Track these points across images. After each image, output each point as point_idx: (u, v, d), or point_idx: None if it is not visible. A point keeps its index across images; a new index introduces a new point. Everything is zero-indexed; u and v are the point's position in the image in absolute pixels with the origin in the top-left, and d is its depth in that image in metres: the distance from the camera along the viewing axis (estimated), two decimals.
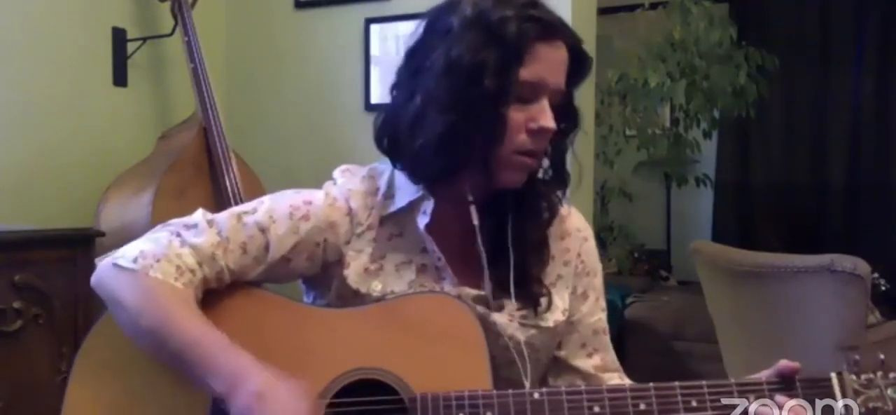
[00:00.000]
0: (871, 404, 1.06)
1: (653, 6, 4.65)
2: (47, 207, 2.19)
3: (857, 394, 1.07)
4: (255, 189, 2.23)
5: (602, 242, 4.96)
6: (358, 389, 1.09)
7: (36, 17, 2.20)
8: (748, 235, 5.17)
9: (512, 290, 1.16)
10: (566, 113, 1.16)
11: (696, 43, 4.45)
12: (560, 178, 1.20)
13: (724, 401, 1.07)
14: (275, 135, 2.69)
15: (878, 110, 5.17)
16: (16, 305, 1.77)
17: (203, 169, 2.21)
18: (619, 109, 4.82)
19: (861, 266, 2.24)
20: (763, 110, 4.84)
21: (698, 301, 3.03)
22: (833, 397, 1.06)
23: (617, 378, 1.27)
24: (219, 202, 2.15)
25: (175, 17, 2.35)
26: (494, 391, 1.07)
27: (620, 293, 4.03)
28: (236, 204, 2.11)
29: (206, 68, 2.27)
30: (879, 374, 1.08)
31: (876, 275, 2.31)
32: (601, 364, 1.25)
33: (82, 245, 1.91)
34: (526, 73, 1.08)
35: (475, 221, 1.15)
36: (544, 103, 1.10)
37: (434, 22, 1.14)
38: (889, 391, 1.07)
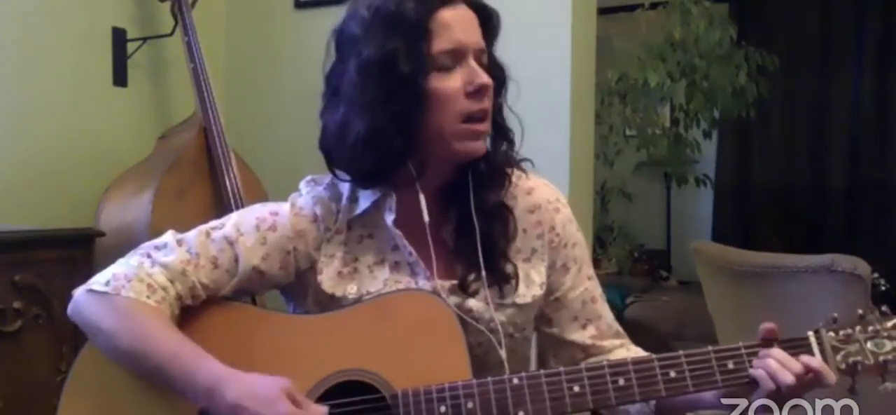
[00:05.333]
0: (851, 359, 1.06)
1: (653, 6, 4.65)
2: (47, 207, 2.19)
3: (835, 350, 1.07)
4: (255, 189, 2.23)
5: (602, 243, 4.96)
6: (340, 391, 1.10)
7: (36, 17, 2.20)
8: (748, 235, 5.18)
9: (480, 262, 1.16)
10: (493, 71, 1.17)
11: (696, 43, 4.46)
12: (502, 133, 1.20)
13: (703, 369, 1.07)
14: (275, 135, 2.68)
15: (878, 110, 5.18)
16: (16, 305, 1.77)
17: (203, 169, 2.20)
18: (619, 108, 4.82)
19: (861, 266, 2.24)
20: (763, 110, 4.85)
21: (698, 301, 3.02)
22: (811, 355, 1.06)
23: (619, 344, 1.27)
24: (219, 202, 2.15)
25: (175, 17, 2.35)
26: (474, 381, 1.08)
27: (620, 293, 4.03)
28: (237, 204, 2.12)
29: (206, 68, 2.27)
30: (858, 328, 1.07)
31: (876, 275, 2.30)
32: (597, 333, 1.26)
33: (82, 245, 1.91)
34: (438, 43, 1.10)
35: (425, 215, 1.16)
36: (472, 64, 1.12)
37: (339, 37, 1.17)
38: (869, 345, 1.06)
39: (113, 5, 2.40)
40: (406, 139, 1.11)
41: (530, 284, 1.21)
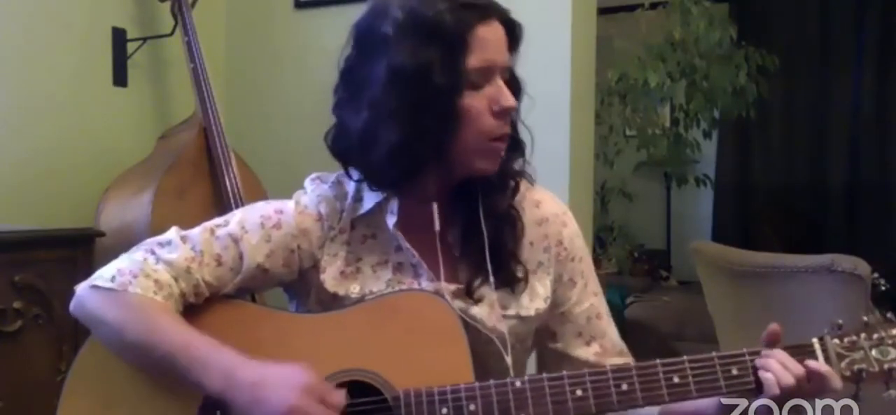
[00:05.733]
0: (856, 367, 1.06)
1: (653, 6, 4.65)
2: (47, 207, 2.19)
3: (840, 357, 1.06)
4: (255, 189, 2.23)
5: (602, 242, 4.96)
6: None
7: (36, 17, 2.20)
8: (748, 235, 5.18)
9: (488, 267, 1.15)
10: (511, 84, 1.16)
11: (696, 43, 4.46)
12: (516, 145, 1.20)
13: (707, 375, 1.07)
14: (275, 135, 2.68)
15: (878, 110, 5.18)
16: (16, 305, 1.76)
17: (203, 169, 2.20)
18: (619, 108, 4.82)
19: (861, 266, 2.24)
20: (763, 110, 4.85)
21: (698, 301, 3.02)
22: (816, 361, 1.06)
23: (623, 363, 1.26)
24: (219, 202, 2.15)
25: (175, 17, 2.35)
26: (477, 384, 1.07)
27: (620, 293, 4.03)
28: (236, 204, 2.12)
29: (206, 68, 2.27)
30: (863, 335, 1.07)
31: (876, 275, 2.30)
32: (602, 351, 1.25)
33: (82, 245, 1.91)
34: (473, 60, 1.08)
35: (436, 225, 1.15)
36: (500, 84, 1.11)
37: (365, 34, 1.13)
38: (874, 352, 1.06)
39: (113, 5, 2.40)
40: (435, 154, 1.10)
41: (534, 296, 1.20)
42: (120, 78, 2.41)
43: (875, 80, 5.17)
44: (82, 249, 1.90)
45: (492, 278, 1.16)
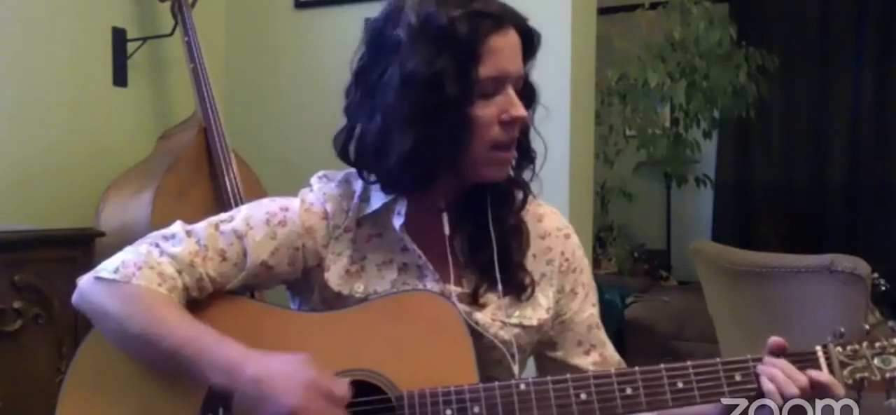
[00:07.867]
0: (858, 375, 1.07)
1: (653, 6, 4.65)
2: (47, 207, 2.19)
3: (843, 365, 1.07)
4: (255, 189, 2.23)
5: (602, 242, 4.96)
6: None
7: (36, 17, 2.20)
8: (748, 235, 5.17)
9: (497, 274, 1.15)
10: (525, 92, 1.15)
11: (696, 43, 4.45)
12: (527, 155, 1.20)
13: (710, 380, 1.07)
14: (275, 135, 2.69)
15: (878, 110, 5.18)
16: (16, 305, 1.77)
17: (203, 169, 2.21)
18: (619, 108, 4.82)
19: (861, 266, 2.24)
20: (763, 110, 4.85)
21: (698, 301, 3.02)
22: (819, 368, 1.07)
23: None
24: (219, 202, 2.15)
25: (175, 17, 2.35)
26: (481, 385, 1.07)
27: (620, 293, 4.03)
28: (236, 204, 2.12)
29: (206, 68, 2.27)
30: (865, 344, 1.08)
31: (876, 275, 2.31)
32: (600, 360, 1.25)
33: (82, 245, 1.91)
34: (485, 69, 1.07)
35: (446, 231, 1.15)
36: (510, 93, 1.10)
37: (379, 37, 1.12)
38: (876, 361, 1.07)
39: (113, 5, 2.40)
40: (447, 162, 1.10)
41: (537, 307, 1.21)
42: (120, 78, 2.41)
43: (875, 80, 5.17)
44: (82, 249, 1.90)
45: (500, 286, 1.16)
